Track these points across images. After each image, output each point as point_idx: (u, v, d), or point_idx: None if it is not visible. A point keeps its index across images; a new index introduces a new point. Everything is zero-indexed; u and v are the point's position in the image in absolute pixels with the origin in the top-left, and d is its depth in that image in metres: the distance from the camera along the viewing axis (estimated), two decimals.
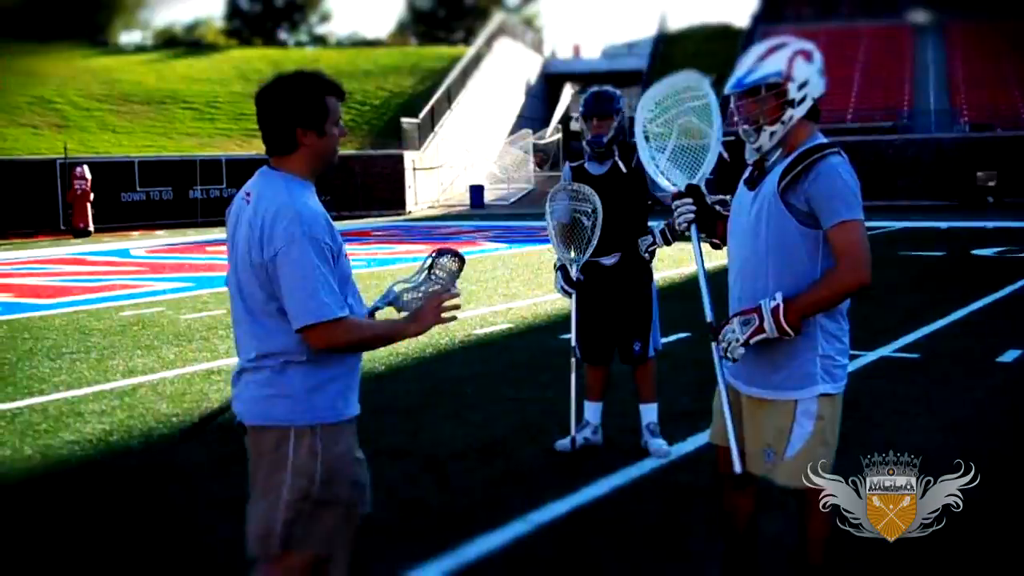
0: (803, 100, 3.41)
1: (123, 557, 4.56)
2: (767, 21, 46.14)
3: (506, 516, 4.91)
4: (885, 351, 8.78)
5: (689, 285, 13.62)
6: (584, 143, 6.10)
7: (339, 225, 3.19)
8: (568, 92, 61.59)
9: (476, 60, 45.91)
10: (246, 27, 78.17)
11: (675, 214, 3.72)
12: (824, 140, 3.44)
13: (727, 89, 3.48)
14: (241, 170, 33.40)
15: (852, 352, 8.20)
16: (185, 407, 7.17)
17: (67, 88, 41.48)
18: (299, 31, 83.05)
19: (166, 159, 33.19)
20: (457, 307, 3.24)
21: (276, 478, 3.06)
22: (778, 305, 3.30)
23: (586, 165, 6.12)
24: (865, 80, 40.53)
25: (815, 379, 3.42)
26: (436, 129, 40.15)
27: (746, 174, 3.61)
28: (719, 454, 3.70)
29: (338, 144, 3.19)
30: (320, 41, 79.38)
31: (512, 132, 46.80)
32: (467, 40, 50.01)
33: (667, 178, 3.80)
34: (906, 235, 21.71)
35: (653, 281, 6.14)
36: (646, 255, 5.99)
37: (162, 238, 26.09)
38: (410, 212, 36.28)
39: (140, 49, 58.67)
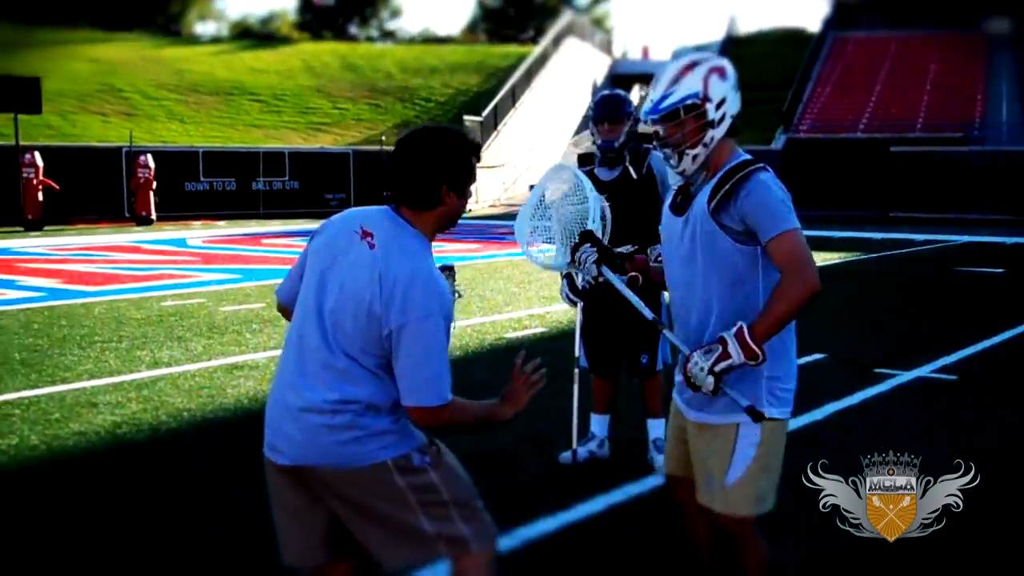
0: (723, 119, 3.29)
1: (106, 554, 4.53)
2: (839, 27, 45.44)
3: None
4: (922, 371, 8.52)
5: None
6: (594, 148, 5.97)
7: None
8: (636, 94, 61.31)
9: (542, 59, 45.81)
10: (317, 21, 78.82)
11: (580, 266, 3.66)
12: (747, 157, 3.34)
13: (643, 115, 3.36)
14: (303, 163, 33.68)
15: (887, 371, 8.15)
16: (200, 401, 7.16)
17: (137, 77, 42.09)
18: (369, 26, 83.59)
19: (230, 150, 33.51)
20: (543, 372, 3.19)
21: (397, 504, 3.01)
22: (742, 327, 3.16)
23: (596, 171, 5.99)
24: (936, 90, 39.71)
25: (758, 403, 3.27)
26: (499, 128, 40.12)
27: (669, 200, 3.51)
28: (669, 482, 3.61)
29: (463, 211, 3.16)
30: (390, 36, 79.90)
31: (577, 133, 46.62)
32: (535, 39, 49.88)
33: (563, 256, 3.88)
34: (967, 250, 21.21)
35: (663, 292, 5.98)
36: (657, 264, 5.83)
37: (222, 228, 26.33)
38: (470, 211, 36.26)
39: (215, 40, 59.45)
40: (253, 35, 66.93)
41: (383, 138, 36.49)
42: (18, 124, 26.66)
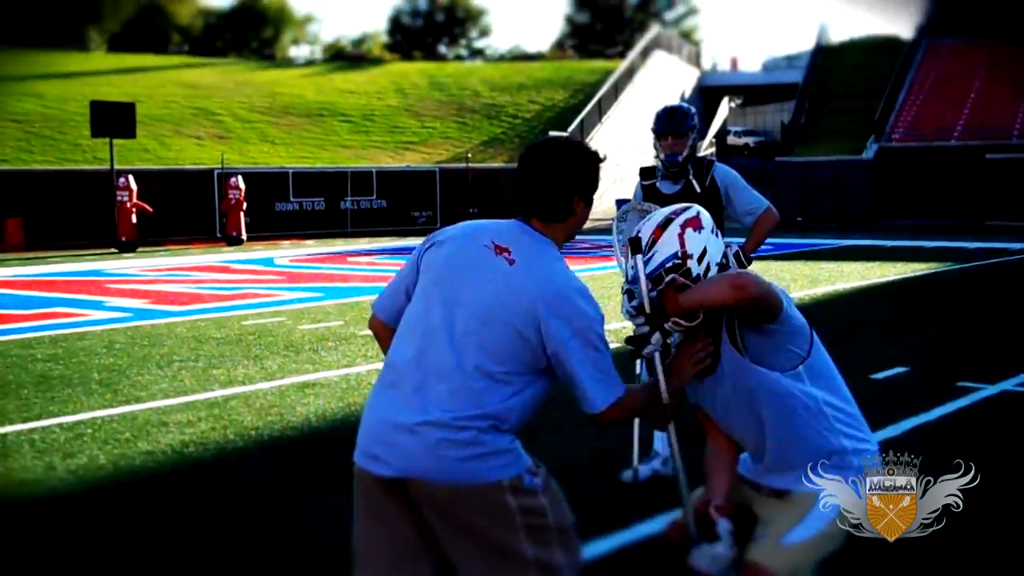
0: (708, 270, 3.21)
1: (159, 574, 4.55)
2: (932, 35, 44.47)
3: None
4: (1007, 385, 8.22)
5: (802, 309, 13.14)
6: (658, 161, 5.87)
7: None
8: (725, 106, 60.75)
9: (629, 73, 45.70)
10: (407, 41, 79.69)
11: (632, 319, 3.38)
12: None
13: (624, 287, 3.30)
14: (391, 181, 34.00)
15: (971, 385, 7.88)
16: (269, 420, 7.21)
17: (230, 101, 42.95)
18: (458, 45, 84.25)
19: (319, 170, 33.97)
20: (710, 350, 3.20)
21: (502, 524, 2.95)
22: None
23: (658, 184, 5.90)
24: None
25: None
26: (586, 142, 40.02)
27: None
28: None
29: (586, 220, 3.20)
30: (479, 55, 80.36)
31: None
32: (623, 54, 49.78)
33: None
34: None
35: None
36: None
37: (310, 247, 26.68)
38: None
39: (310, 63, 60.45)
40: (345, 57, 67.89)
41: (469, 155, 36.70)
42: (113, 148, 27.36)
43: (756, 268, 14.89)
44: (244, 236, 28.20)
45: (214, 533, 5.05)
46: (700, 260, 3.19)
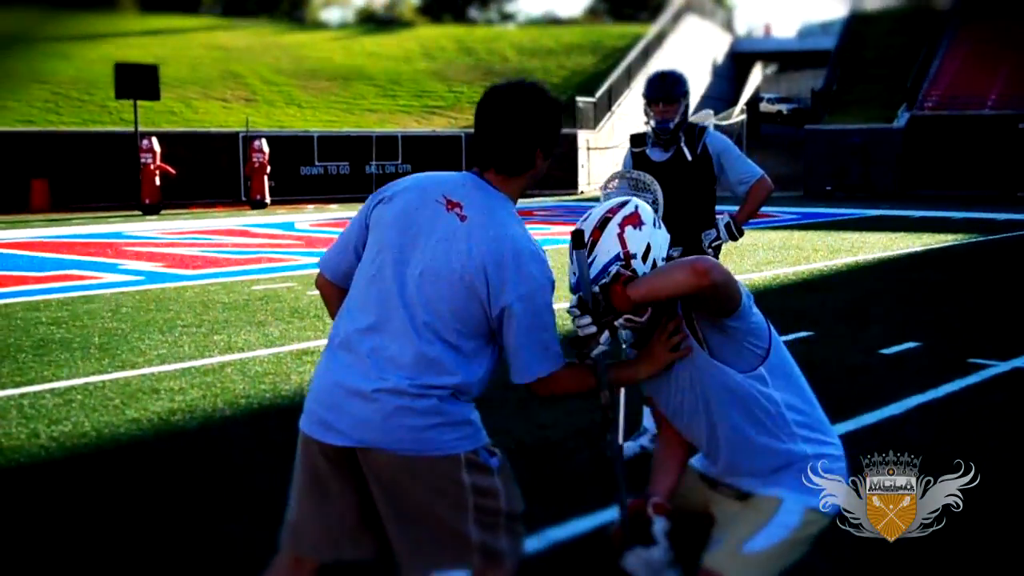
0: (655, 266, 3.04)
1: (130, 546, 4.47)
2: (968, 2, 43.63)
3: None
4: (1019, 361, 8.02)
5: (818, 280, 12.93)
6: (648, 128, 5.69)
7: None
8: (758, 72, 60.10)
9: (659, 38, 45.21)
10: (437, 5, 79.18)
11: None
12: None
13: (571, 289, 3.06)
14: (416, 146, 33.86)
15: (983, 362, 7.69)
16: (261, 388, 7.12)
17: (258, 64, 42.85)
18: (489, 9, 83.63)
19: (344, 134, 33.88)
20: (683, 336, 3.01)
21: (452, 503, 2.83)
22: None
23: (648, 152, 5.73)
24: None
25: (809, 488, 3.00)
26: (613, 108, 39.72)
27: None
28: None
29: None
30: (509, 19, 79.81)
31: (695, 112, 45.80)
32: (656, 19, 49.26)
33: None
34: None
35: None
36: (710, 251, 5.57)
37: (333, 211, 26.61)
38: (582, 192, 36.02)
39: (343, 26, 60.19)
40: (376, 20, 67.56)
41: None
42: (137, 110, 27.34)
43: (755, 238, 14.67)
44: (268, 200, 28.16)
45: (190, 502, 4.96)
46: (645, 258, 3.02)
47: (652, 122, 5.62)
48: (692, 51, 47.69)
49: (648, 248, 3.03)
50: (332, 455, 2.86)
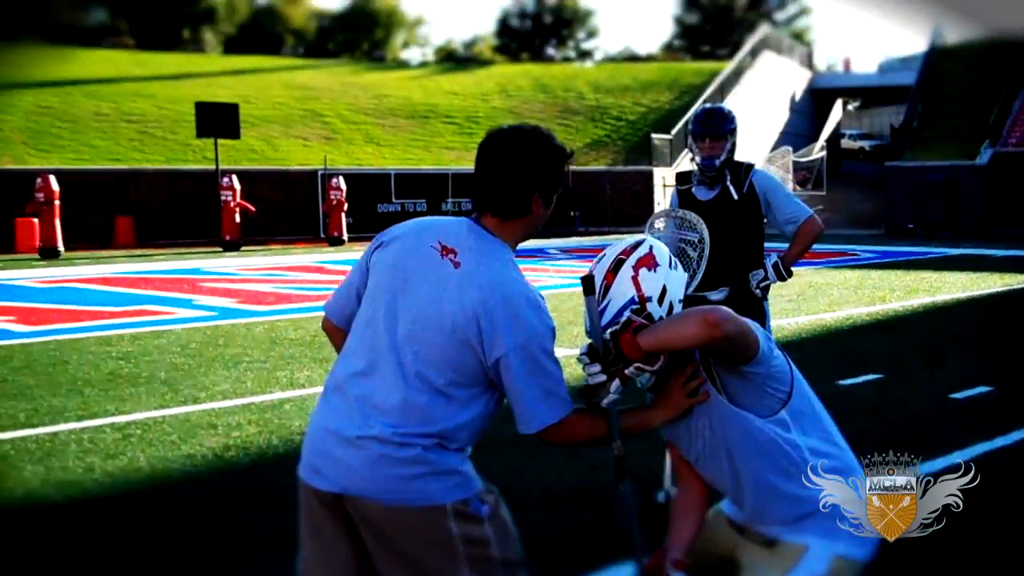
0: (671, 309, 2.96)
1: None
2: None
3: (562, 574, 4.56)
4: None
5: (892, 320, 12.66)
6: (694, 165, 5.62)
7: (584, 241, 3.00)
8: (839, 108, 59.47)
9: (737, 74, 44.97)
10: (515, 43, 79.86)
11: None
12: None
13: (587, 334, 2.99)
14: None
15: None
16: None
17: (338, 102, 43.49)
18: (566, 47, 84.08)
19: (421, 172, 34.20)
20: (701, 381, 2.96)
21: (443, 553, 2.77)
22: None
23: (693, 190, 5.66)
24: None
25: (832, 535, 2.92)
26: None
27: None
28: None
29: (546, 219, 2.98)
30: (587, 56, 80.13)
31: (774, 149, 45.51)
32: (733, 55, 49.06)
33: None
34: None
35: (768, 320, 5.60)
36: (757, 291, 5.48)
37: None
38: (661, 228, 35.79)
39: (423, 65, 60.94)
40: (455, 59, 68.30)
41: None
42: (218, 148, 27.90)
43: (832, 277, 14.39)
44: (345, 237, 28.49)
45: (237, 539, 4.98)
46: (660, 300, 2.93)
47: (697, 159, 5.55)
48: (770, 87, 47.38)
49: (664, 290, 2.95)
50: (325, 500, 2.83)
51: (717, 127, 5.47)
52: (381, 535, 2.78)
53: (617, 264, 2.98)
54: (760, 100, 46.09)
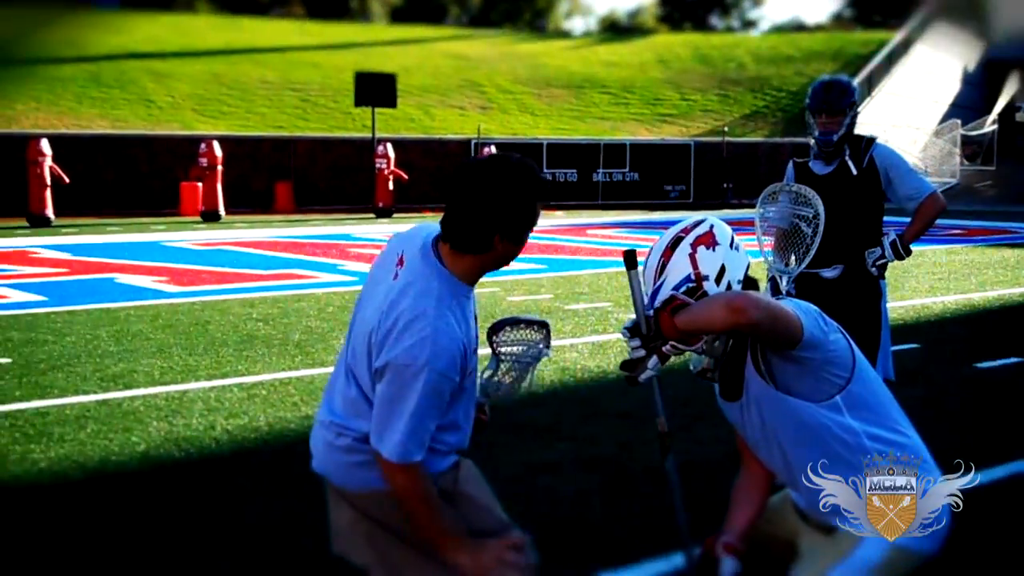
0: (729, 289, 2.92)
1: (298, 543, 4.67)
2: None
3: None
4: None
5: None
6: (811, 139, 5.47)
7: (732, 214, 3.03)
8: (1015, 80, 56.82)
9: (905, 45, 43.44)
10: (679, 12, 78.76)
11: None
12: None
13: (646, 313, 2.91)
14: (644, 154, 33.79)
15: None
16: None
17: (495, 72, 43.76)
18: (731, 16, 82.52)
19: (573, 142, 34.18)
20: (520, 551, 2.82)
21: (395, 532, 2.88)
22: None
23: (811, 164, 5.50)
24: None
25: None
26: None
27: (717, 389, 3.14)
28: None
29: (514, 257, 2.90)
30: (751, 26, 78.48)
31: (943, 121, 43.82)
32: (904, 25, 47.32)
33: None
34: None
35: (884, 300, 5.42)
36: (873, 270, 5.31)
37: (557, 218, 26.84)
38: None
39: (587, 35, 60.77)
40: (617, 29, 67.84)
41: (726, 129, 35.92)
42: (375, 117, 28.45)
43: (988, 256, 13.78)
44: None
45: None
46: (719, 280, 2.91)
47: (815, 133, 5.39)
48: (939, 59, 45.55)
49: (723, 269, 2.93)
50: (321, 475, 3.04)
51: (835, 102, 5.30)
52: (366, 514, 2.91)
53: (676, 242, 2.97)
54: (929, 71, 44.39)
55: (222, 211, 24.88)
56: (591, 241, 19.93)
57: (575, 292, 12.29)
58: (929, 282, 13.47)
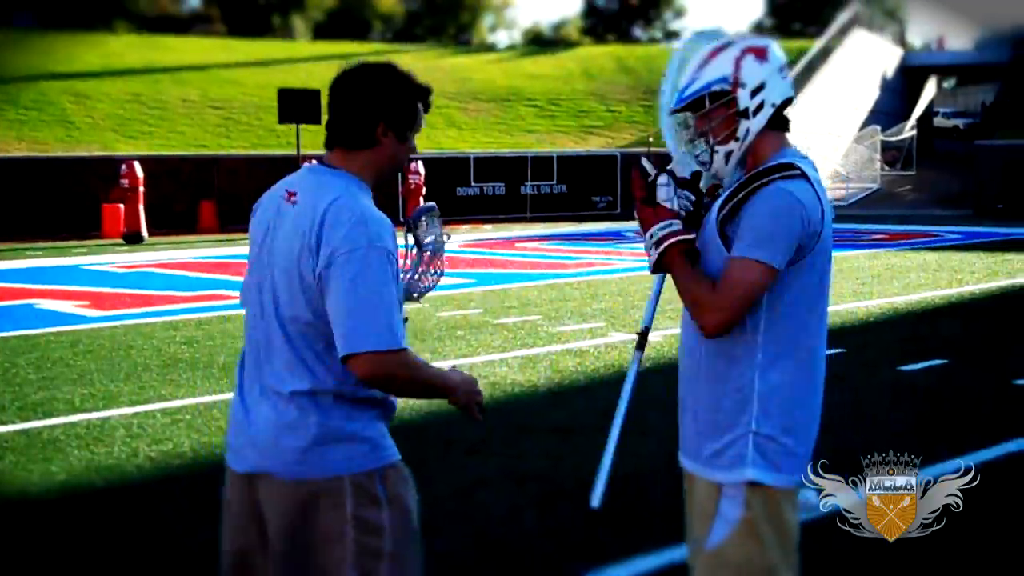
0: (760, 108, 2.75)
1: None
2: None
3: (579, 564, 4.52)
4: None
5: (968, 304, 12.32)
6: None
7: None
8: (932, 86, 58.07)
9: (825, 53, 44.11)
10: (601, 25, 79.37)
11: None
12: (791, 158, 2.78)
13: (671, 107, 2.90)
14: (571, 166, 33.92)
15: None
16: None
17: None
18: (653, 27, 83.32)
19: (499, 155, 34.19)
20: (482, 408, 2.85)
21: (331, 536, 2.65)
22: (681, 243, 2.78)
23: None
24: None
25: (743, 461, 2.76)
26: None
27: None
28: None
29: (406, 159, 2.87)
30: (674, 36, 79.32)
31: (863, 128, 44.61)
32: (823, 33, 48.10)
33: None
34: None
35: None
36: None
37: (486, 232, 26.84)
38: None
39: (511, 48, 60.92)
40: (542, 42, 68.17)
41: (651, 139, 36.19)
42: (300, 134, 28.23)
43: (911, 259, 13.99)
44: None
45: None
46: (754, 94, 2.75)
47: None
48: (859, 66, 46.36)
49: (762, 86, 2.76)
50: (239, 480, 2.85)
51: None
52: (277, 514, 2.72)
53: (728, 44, 2.83)
54: (849, 79, 45.15)
55: (145, 232, 24.48)
56: (520, 254, 19.94)
57: (504, 306, 12.26)
58: (852, 287, 13.64)
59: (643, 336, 3.05)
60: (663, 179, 2.84)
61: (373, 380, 2.61)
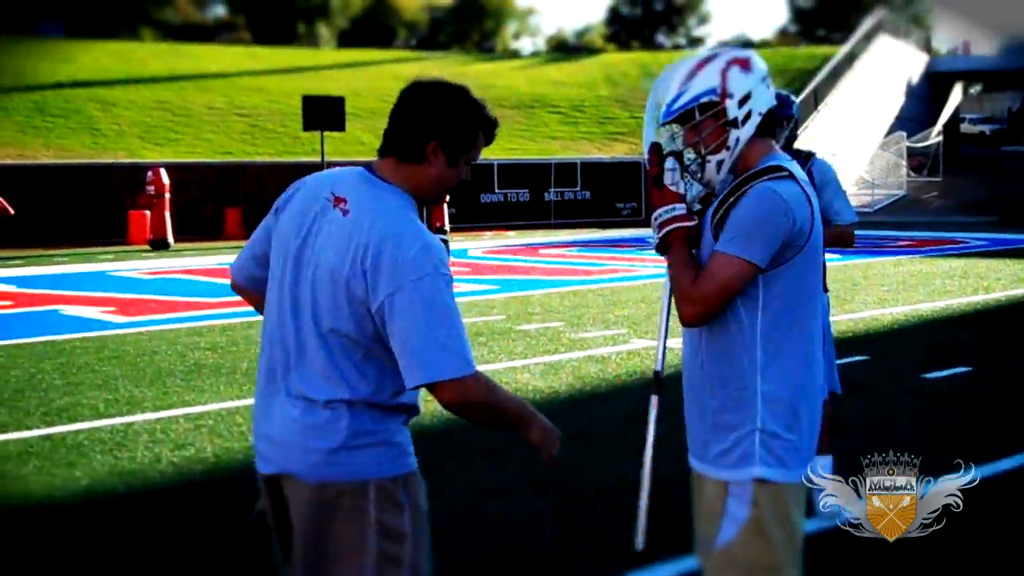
0: (748, 117, 2.84)
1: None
2: None
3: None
4: None
5: (993, 311, 12.23)
6: None
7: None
8: (958, 92, 57.76)
9: (850, 59, 43.97)
10: (625, 31, 79.37)
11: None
12: (780, 161, 2.86)
13: (660, 120, 2.95)
14: (595, 173, 33.94)
15: None
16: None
17: None
18: (677, 34, 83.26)
19: (523, 162, 34.22)
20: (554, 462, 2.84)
21: (353, 541, 2.65)
22: (682, 229, 2.88)
23: None
24: None
25: (751, 459, 2.81)
26: (798, 132, 38.74)
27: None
28: None
29: (452, 184, 2.83)
30: (698, 43, 79.25)
31: (888, 134, 44.39)
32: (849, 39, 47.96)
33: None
34: None
35: (827, 313, 5.44)
36: None
37: (510, 239, 26.87)
38: None
39: (535, 55, 61.02)
40: (566, 49, 68.23)
41: None
42: (324, 141, 28.34)
43: (936, 265, 13.98)
44: (447, 227, 28.67)
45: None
46: (742, 103, 2.84)
47: None
48: (884, 71, 46.15)
49: (748, 96, 2.85)
50: (266, 483, 2.82)
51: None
52: (303, 517, 2.71)
53: (711, 57, 2.91)
54: (874, 85, 44.95)
55: (171, 239, 24.64)
56: (543, 261, 19.94)
57: (527, 312, 12.27)
58: (878, 294, 13.59)
59: (658, 377, 3.17)
60: (670, 163, 2.93)
61: (461, 406, 2.61)
